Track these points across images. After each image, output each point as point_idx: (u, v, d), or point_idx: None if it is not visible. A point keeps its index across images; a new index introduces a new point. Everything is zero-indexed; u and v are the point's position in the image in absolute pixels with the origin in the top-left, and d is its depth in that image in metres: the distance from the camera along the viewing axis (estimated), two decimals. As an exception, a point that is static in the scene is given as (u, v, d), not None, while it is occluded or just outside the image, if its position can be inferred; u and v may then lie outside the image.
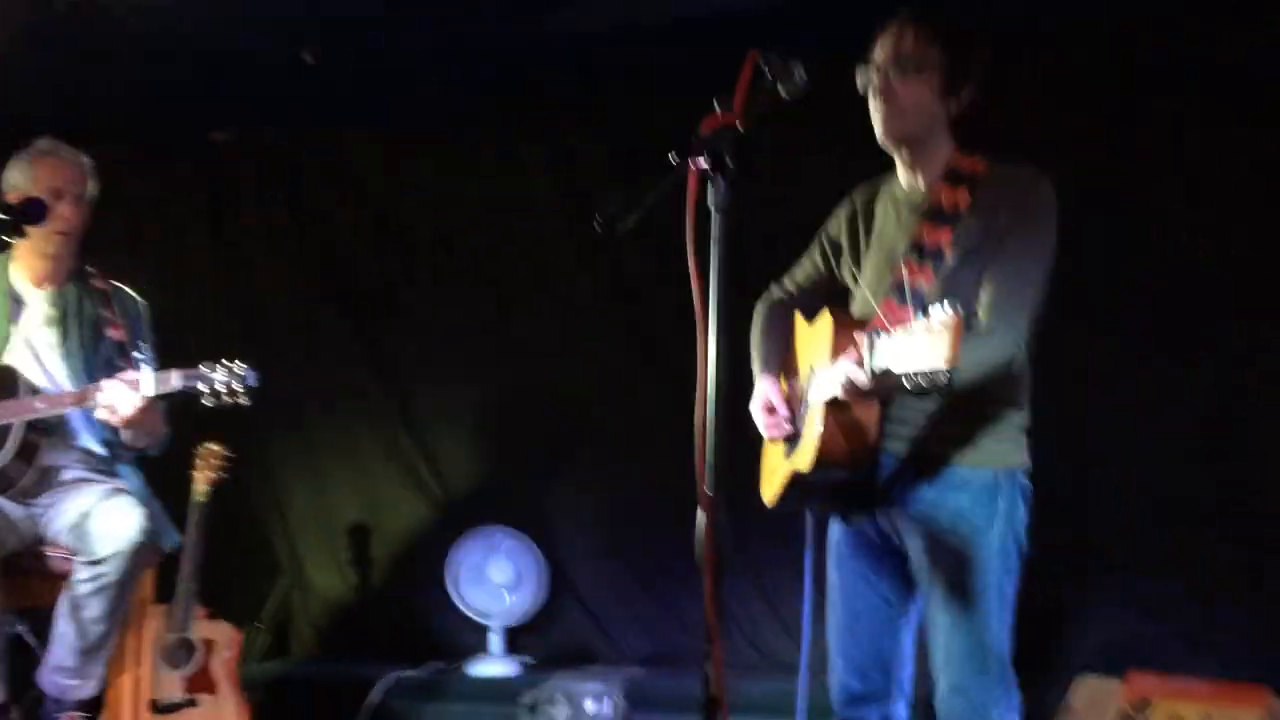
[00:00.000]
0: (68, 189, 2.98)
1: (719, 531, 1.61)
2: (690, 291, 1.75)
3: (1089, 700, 2.56)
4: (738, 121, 1.78)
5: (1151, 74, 3.81)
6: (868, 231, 2.33)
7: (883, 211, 2.32)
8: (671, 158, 1.73)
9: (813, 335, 2.30)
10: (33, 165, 2.99)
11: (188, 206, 5.20)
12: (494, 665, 4.40)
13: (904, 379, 1.71)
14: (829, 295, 2.41)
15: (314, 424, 4.96)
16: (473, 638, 4.56)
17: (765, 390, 2.39)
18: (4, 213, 2.83)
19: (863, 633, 2.32)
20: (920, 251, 2.13)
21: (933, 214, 2.15)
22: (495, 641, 4.46)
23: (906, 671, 2.32)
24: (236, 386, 2.75)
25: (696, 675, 1.72)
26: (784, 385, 2.41)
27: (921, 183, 2.24)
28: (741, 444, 2.32)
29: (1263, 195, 3.69)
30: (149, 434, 2.90)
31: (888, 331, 1.78)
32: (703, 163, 1.72)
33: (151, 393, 2.72)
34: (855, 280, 2.34)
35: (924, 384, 1.67)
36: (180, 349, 3.23)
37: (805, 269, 2.52)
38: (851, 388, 1.92)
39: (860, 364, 1.86)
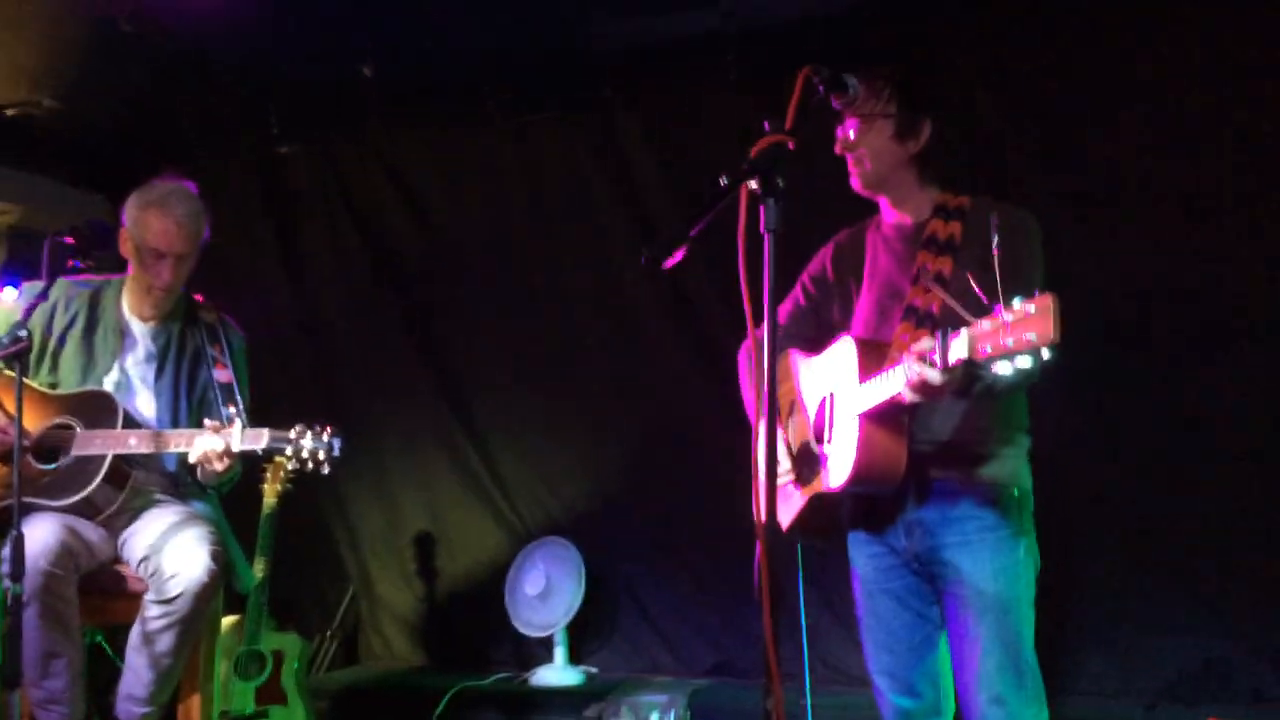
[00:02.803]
0: (170, 250, 3.01)
1: (775, 560, 1.59)
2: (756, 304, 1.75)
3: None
4: (788, 140, 1.77)
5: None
6: (859, 267, 2.47)
7: (874, 248, 2.46)
8: (721, 181, 1.71)
9: (824, 363, 2.40)
10: (142, 216, 3.01)
11: (254, 220, 5.28)
12: (558, 675, 4.41)
13: (990, 366, 1.79)
14: (807, 334, 2.53)
15: (380, 437, 5.00)
16: (538, 648, 4.58)
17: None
18: (71, 236, 2.89)
19: (903, 650, 2.37)
20: (926, 279, 2.28)
21: (932, 245, 2.30)
22: (559, 652, 4.47)
23: (949, 684, 2.35)
24: (322, 455, 2.78)
25: (760, 687, 1.70)
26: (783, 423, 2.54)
27: (910, 220, 2.40)
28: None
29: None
30: (222, 475, 2.93)
31: (954, 331, 1.87)
32: (753, 184, 1.71)
33: (239, 449, 2.76)
34: (843, 314, 2.48)
35: (1018, 367, 1.75)
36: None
37: (787, 309, 2.60)
38: (921, 385, 1.97)
39: (929, 361, 1.92)
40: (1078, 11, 3.87)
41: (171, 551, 2.77)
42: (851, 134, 2.36)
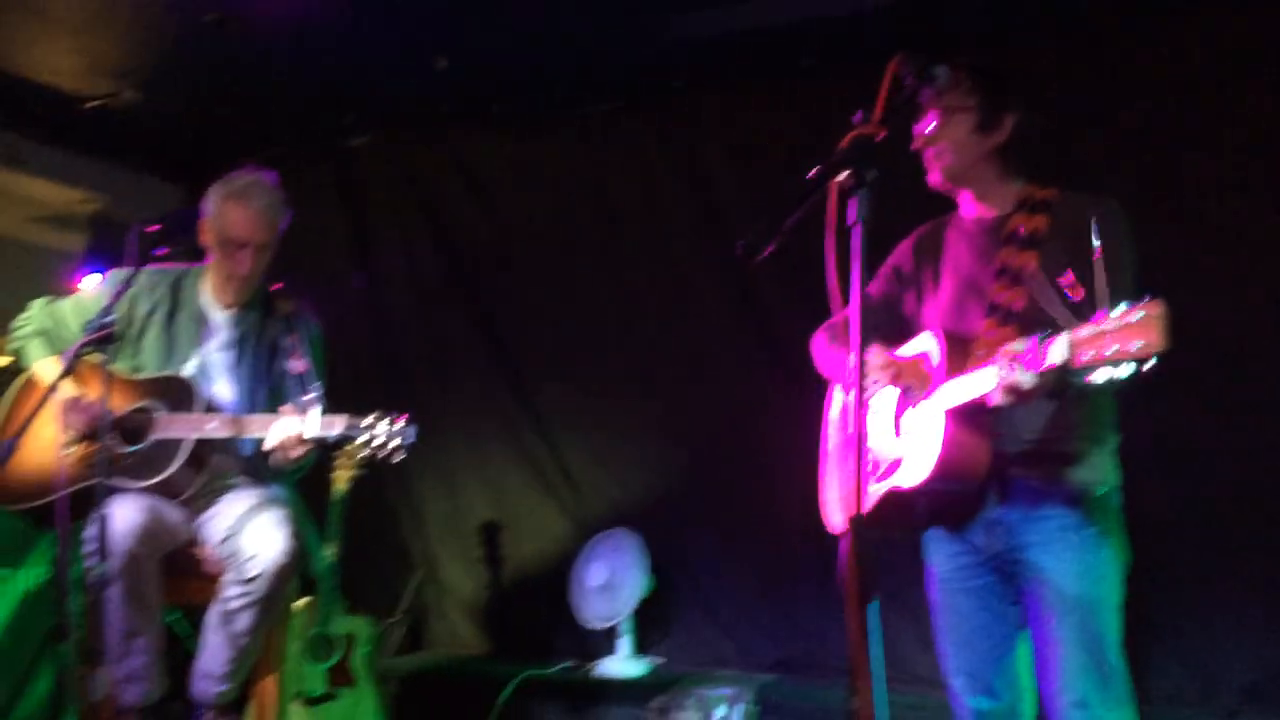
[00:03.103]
0: (251, 240, 3.07)
1: (864, 557, 1.57)
2: (823, 300, 1.74)
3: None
4: (877, 131, 1.75)
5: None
6: (937, 261, 2.44)
7: (955, 243, 2.42)
8: (811, 177, 1.69)
9: (907, 356, 2.36)
10: (224, 207, 3.08)
11: (326, 211, 5.35)
12: (622, 666, 4.41)
13: (1088, 373, 1.76)
14: (881, 326, 2.49)
15: (446, 425, 5.03)
16: (601, 638, 4.60)
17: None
18: (157, 226, 2.95)
19: (982, 648, 2.34)
20: (1010, 275, 2.23)
21: (1015, 239, 2.25)
22: (624, 643, 4.48)
23: (1029, 685, 2.32)
24: (396, 443, 2.81)
25: (824, 683, 1.68)
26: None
27: (994, 214, 2.34)
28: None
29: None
30: (298, 461, 2.97)
31: (1051, 334, 1.84)
32: (843, 178, 1.69)
33: (314, 434, 2.81)
34: (920, 307, 2.46)
35: (1115, 375, 1.73)
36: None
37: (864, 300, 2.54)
38: (1013, 388, 1.95)
39: (1023, 365, 1.90)
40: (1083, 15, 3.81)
41: (251, 533, 2.82)
42: (932, 127, 2.32)
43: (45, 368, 3.03)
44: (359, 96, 4.82)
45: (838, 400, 2.62)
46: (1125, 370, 1.71)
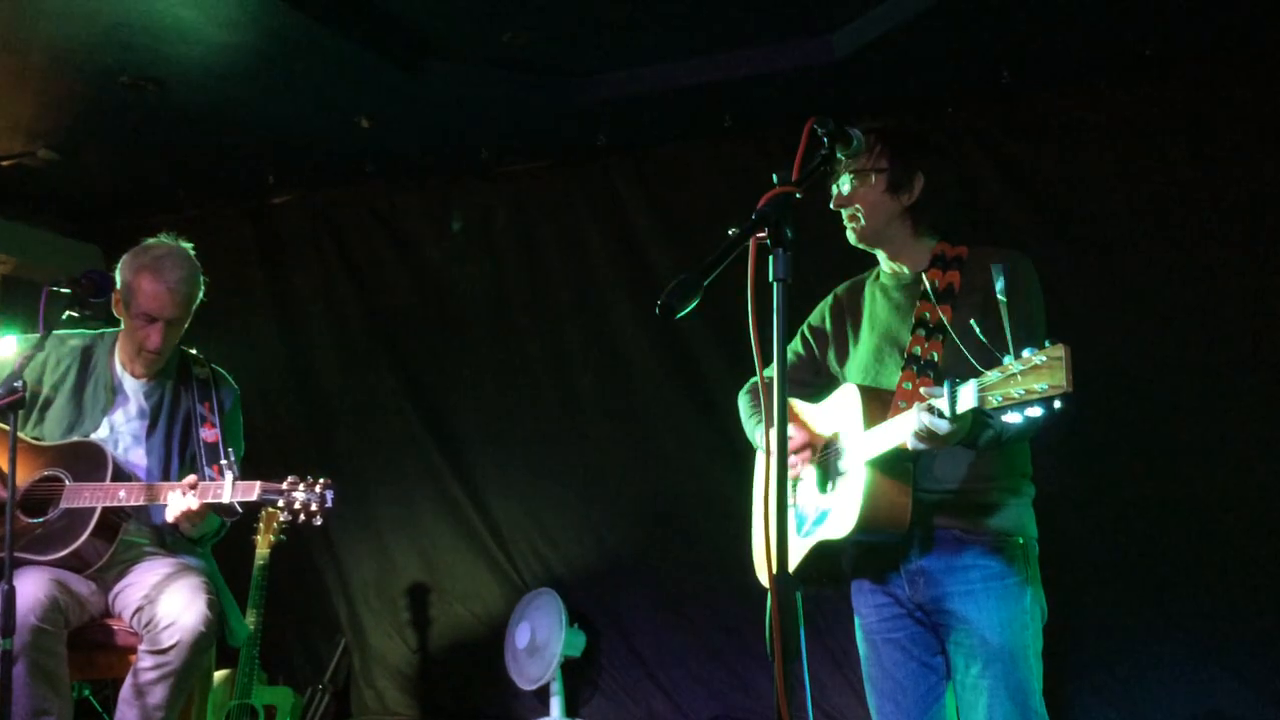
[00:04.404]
0: (162, 315, 2.97)
1: (787, 614, 1.57)
2: (750, 352, 1.76)
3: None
4: (795, 190, 1.78)
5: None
6: (856, 318, 2.50)
7: (872, 299, 2.48)
8: (731, 232, 1.71)
9: (827, 411, 2.41)
10: (137, 280, 2.97)
11: (247, 270, 5.27)
12: (554, 729, 4.34)
13: (999, 415, 1.84)
14: (805, 381, 2.56)
15: (373, 486, 4.96)
16: (533, 700, 4.52)
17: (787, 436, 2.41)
18: (68, 286, 2.86)
19: (909, 701, 2.34)
20: (926, 327, 2.29)
21: (931, 294, 2.32)
22: (555, 703, 4.41)
23: None
24: (314, 506, 2.75)
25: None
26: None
27: (908, 271, 2.43)
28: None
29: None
30: (198, 529, 2.88)
31: (962, 380, 1.90)
32: (762, 235, 1.71)
33: (227, 500, 2.72)
34: (841, 363, 2.51)
35: (1028, 416, 1.78)
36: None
37: (788, 358, 2.59)
38: (928, 434, 1.99)
39: (937, 411, 1.95)
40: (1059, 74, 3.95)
41: (167, 601, 2.73)
42: (846, 189, 2.38)
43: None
44: (280, 155, 4.78)
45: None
46: (1035, 411, 1.76)
